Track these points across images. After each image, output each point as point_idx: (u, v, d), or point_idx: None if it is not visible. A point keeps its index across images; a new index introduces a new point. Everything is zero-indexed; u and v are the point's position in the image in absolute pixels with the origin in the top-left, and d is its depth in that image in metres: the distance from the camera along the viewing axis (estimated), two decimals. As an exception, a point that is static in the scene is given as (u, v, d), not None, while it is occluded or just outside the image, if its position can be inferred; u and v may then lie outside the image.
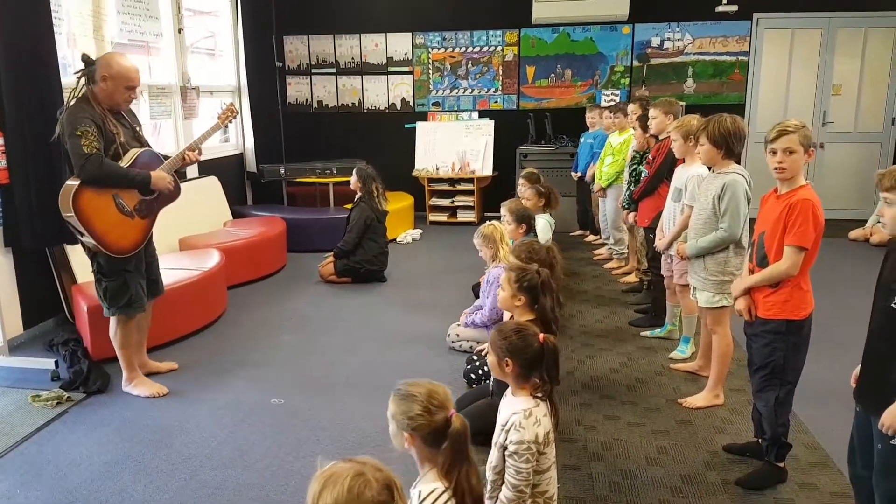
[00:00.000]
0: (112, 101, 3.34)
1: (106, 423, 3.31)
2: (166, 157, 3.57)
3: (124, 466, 2.91)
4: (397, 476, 1.37)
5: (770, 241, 2.55)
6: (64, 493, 2.72)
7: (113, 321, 3.52)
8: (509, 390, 2.22)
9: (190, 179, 6.35)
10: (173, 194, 3.57)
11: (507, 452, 2.06)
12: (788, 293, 2.54)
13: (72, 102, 3.27)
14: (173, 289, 4.31)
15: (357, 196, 5.70)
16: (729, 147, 3.02)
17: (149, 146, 3.57)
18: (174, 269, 4.63)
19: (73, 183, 3.25)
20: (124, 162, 3.35)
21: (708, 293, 3.21)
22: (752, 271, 2.66)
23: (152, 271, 3.68)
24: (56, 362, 3.87)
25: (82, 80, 3.31)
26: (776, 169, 2.51)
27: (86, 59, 3.32)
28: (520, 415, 2.06)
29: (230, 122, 3.95)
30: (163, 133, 6.24)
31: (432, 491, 1.68)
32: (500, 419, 2.15)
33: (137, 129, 3.57)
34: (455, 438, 1.68)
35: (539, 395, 2.12)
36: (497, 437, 2.12)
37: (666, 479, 2.75)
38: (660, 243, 3.84)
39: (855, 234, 6.85)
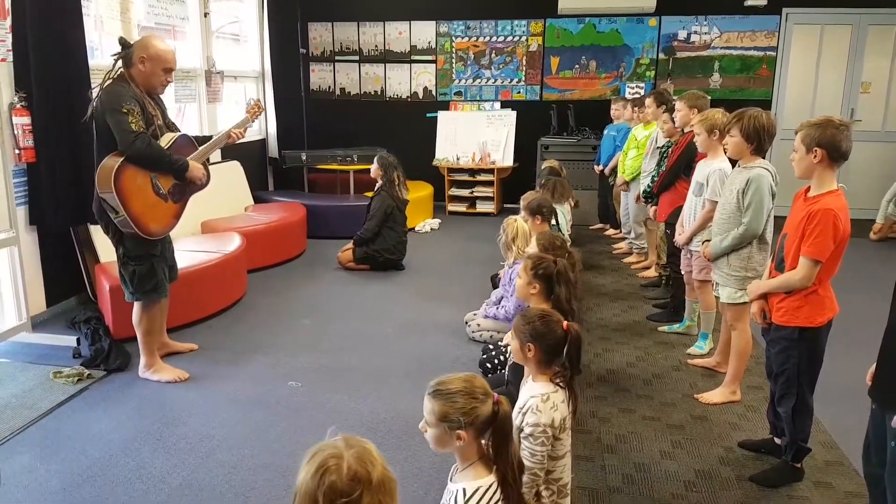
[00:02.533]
0: (149, 83, 3.36)
1: (125, 400, 3.36)
2: (201, 142, 3.62)
3: (143, 443, 2.96)
4: (393, 471, 1.35)
5: (789, 245, 2.51)
6: (83, 468, 2.77)
7: (137, 307, 3.51)
8: (529, 376, 2.23)
9: (213, 164, 6.33)
10: (204, 183, 3.62)
11: (522, 435, 2.07)
12: (802, 299, 2.49)
13: (108, 82, 3.28)
14: (195, 271, 4.38)
15: (378, 184, 5.72)
16: (760, 143, 2.98)
17: (179, 130, 3.60)
18: (196, 252, 4.69)
19: (114, 160, 3.24)
20: (162, 144, 3.38)
21: (730, 289, 3.18)
22: (771, 272, 2.63)
23: (169, 256, 3.70)
24: (78, 340, 3.95)
25: (119, 63, 3.32)
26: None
27: (123, 41, 3.35)
28: (537, 398, 2.07)
29: (257, 117, 3.97)
30: (187, 116, 6.29)
31: (477, 489, 1.68)
32: (519, 403, 2.15)
33: (167, 115, 3.60)
34: (503, 422, 1.68)
35: (559, 381, 2.13)
36: (517, 423, 2.13)
37: (680, 473, 2.74)
38: (680, 238, 3.81)
39: (878, 231, 6.68)
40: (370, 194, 5.86)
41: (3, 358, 3.87)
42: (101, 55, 5.16)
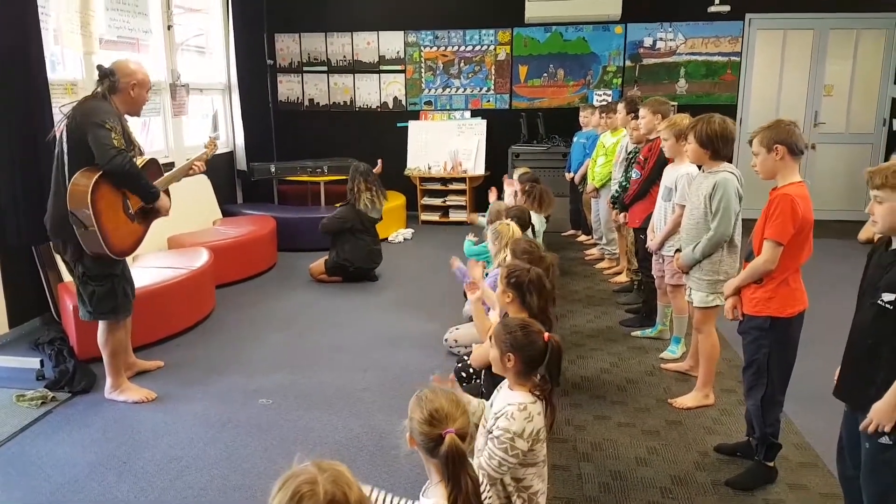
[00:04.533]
0: (135, 107, 3.38)
1: (91, 423, 3.26)
2: (166, 167, 3.68)
3: (109, 467, 2.87)
4: (366, 492, 1.34)
5: (757, 236, 2.57)
6: (47, 494, 2.68)
7: (102, 326, 3.43)
8: (505, 384, 2.20)
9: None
10: (167, 209, 3.60)
11: (490, 436, 2.05)
12: (773, 290, 2.54)
13: (86, 99, 3.25)
14: (161, 287, 4.29)
15: (349, 199, 5.67)
16: (715, 148, 3.04)
17: (143, 153, 3.59)
18: (162, 268, 4.60)
19: (91, 174, 3.16)
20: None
21: (702, 293, 3.21)
22: (743, 266, 2.67)
23: (129, 276, 3.62)
24: (41, 361, 3.83)
25: (100, 87, 3.28)
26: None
27: (102, 70, 3.31)
28: (514, 406, 2.04)
29: (214, 152, 4.00)
30: (152, 130, 6.19)
31: None
32: (494, 408, 2.13)
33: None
34: (445, 457, 1.65)
35: (537, 393, 2.10)
36: (488, 425, 2.10)
37: (656, 480, 2.74)
38: (651, 244, 3.83)
39: (865, 235, 6.72)
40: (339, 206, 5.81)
41: (-38, 383, 3.74)
42: (63, 69, 5.05)
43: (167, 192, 3.56)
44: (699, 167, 3.29)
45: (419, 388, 1.74)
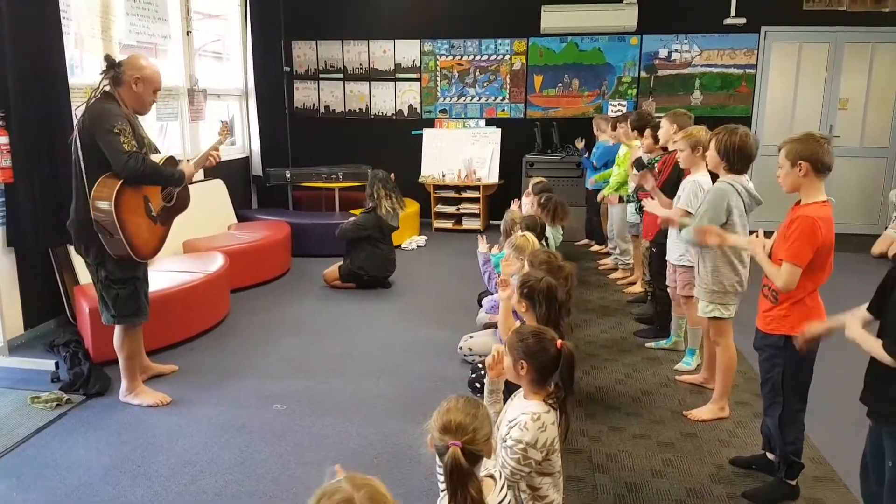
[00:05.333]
0: (139, 103, 3.31)
1: (105, 426, 3.28)
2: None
3: (123, 470, 2.87)
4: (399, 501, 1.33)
5: (775, 250, 2.54)
6: (61, 497, 2.69)
7: (119, 330, 3.43)
8: (520, 392, 2.19)
9: (195, 182, 6.29)
10: (186, 202, 3.57)
11: (503, 445, 2.05)
12: (788, 308, 2.51)
13: (93, 101, 3.20)
14: (177, 291, 4.31)
15: (369, 206, 5.65)
16: (731, 161, 3.02)
17: (160, 151, 3.55)
18: (178, 272, 4.61)
19: (113, 181, 3.15)
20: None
21: (702, 302, 3.22)
22: (765, 286, 2.62)
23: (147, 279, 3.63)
24: (56, 363, 3.85)
25: (105, 81, 3.23)
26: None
27: (110, 59, 3.27)
28: (528, 416, 2.04)
29: (227, 138, 3.96)
30: (169, 135, 6.24)
31: None
32: (509, 416, 2.12)
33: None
34: (446, 467, 1.64)
35: (551, 402, 2.10)
36: (502, 432, 2.10)
37: (671, 493, 2.71)
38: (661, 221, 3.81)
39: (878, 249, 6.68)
40: (357, 212, 5.80)
41: (-22, 383, 3.77)
42: (82, 73, 5.11)
43: (188, 190, 3.57)
44: (714, 178, 3.29)
45: (453, 395, 1.75)
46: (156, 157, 3.36)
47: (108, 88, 3.24)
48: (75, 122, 3.25)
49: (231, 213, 6.73)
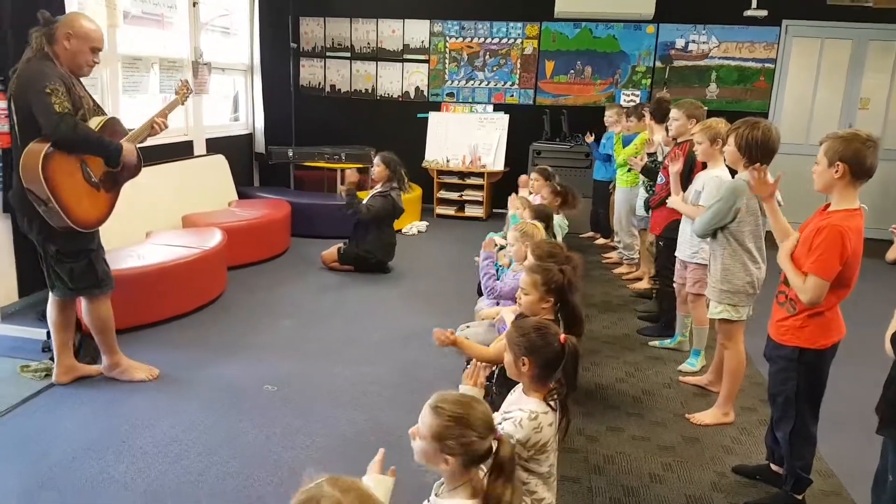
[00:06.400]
0: (74, 62, 3.06)
1: (92, 399, 3.20)
2: (129, 129, 3.35)
3: (107, 445, 2.81)
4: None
5: (798, 256, 2.39)
6: (44, 470, 2.62)
7: (85, 303, 3.25)
8: (519, 387, 2.10)
9: (197, 156, 6.24)
10: (137, 167, 3.32)
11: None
12: (806, 319, 2.37)
13: (27, 61, 2.98)
14: (172, 266, 4.23)
15: (384, 187, 5.51)
16: (752, 156, 2.86)
17: (106, 114, 3.30)
18: (175, 247, 4.53)
19: (40, 145, 2.92)
20: (91, 127, 3.09)
21: (713, 302, 3.10)
22: (781, 293, 2.50)
23: None
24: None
25: (41, 40, 3.00)
26: None
27: (44, 16, 3.03)
28: (525, 413, 1.94)
29: (187, 98, 3.68)
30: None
31: None
32: (504, 406, 2.03)
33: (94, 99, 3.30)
34: (502, 462, 1.56)
35: (552, 402, 2.00)
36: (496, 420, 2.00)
37: (670, 499, 2.62)
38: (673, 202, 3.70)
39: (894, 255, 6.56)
40: (364, 194, 5.66)
41: (-35, 352, 3.70)
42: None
43: (138, 154, 3.30)
44: (732, 173, 3.17)
45: (433, 397, 1.65)
46: (95, 121, 3.12)
47: (44, 49, 3.00)
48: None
49: (232, 189, 6.63)
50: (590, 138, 6.89)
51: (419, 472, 2.40)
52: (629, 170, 5.43)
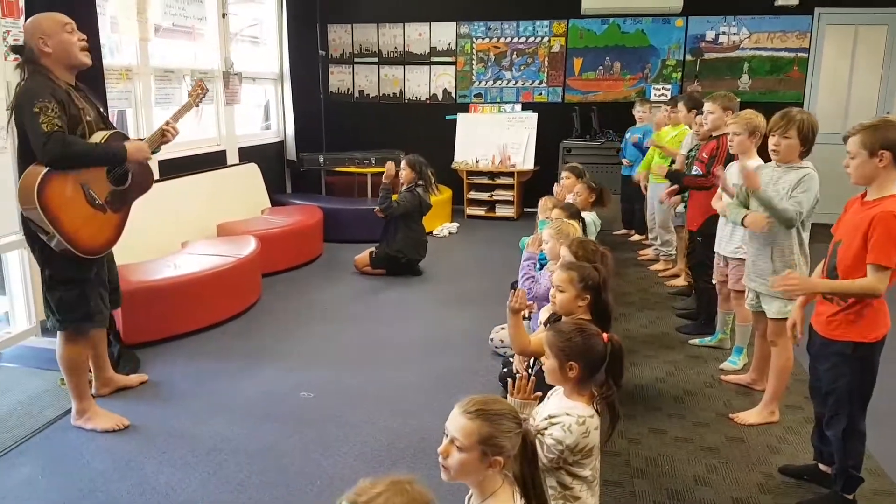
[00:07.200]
0: (68, 57, 2.82)
1: (132, 409, 3.23)
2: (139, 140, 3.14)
3: (148, 456, 2.83)
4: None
5: (844, 252, 2.31)
6: (85, 482, 2.65)
7: (60, 338, 2.98)
8: (558, 390, 2.06)
9: (230, 166, 6.32)
10: (148, 182, 3.14)
11: (539, 437, 1.91)
12: (857, 312, 2.30)
13: (23, 82, 2.79)
14: (209, 275, 4.28)
15: (411, 185, 5.56)
16: (811, 144, 2.81)
17: (115, 128, 3.10)
18: (210, 256, 4.59)
19: (37, 170, 2.73)
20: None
21: (779, 301, 2.96)
22: (823, 277, 2.43)
23: (112, 278, 3.21)
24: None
25: (25, 67, 2.81)
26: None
27: (15, 47, 2.88)
28: (573, 418, 1.90)
29: (201, 100, 3.39)
30: (204, 118, 6.21)
31: None
32: (550, 409, 1.99)
33: (101, 109, 3.11)
34: (533, 454, 1.56)
35: (597, 406, 1.96)
36: (538, 426, 1.96)
37: (716, 501, 2.55)
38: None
39: None
40: (396, 198, 5.69)
41: (10, 363, 3.78)
42: (120, 55, 5.09)
43: (149, 168, 3.17)
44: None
45: (465, 404, 1.62)
46: (98, 136, 2.91)
47: (34, 71, 2.81)
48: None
49: (265, 196, 6.70)
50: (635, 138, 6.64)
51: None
52: (672, 163, 5.32)
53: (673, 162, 4.97)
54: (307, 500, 2.55)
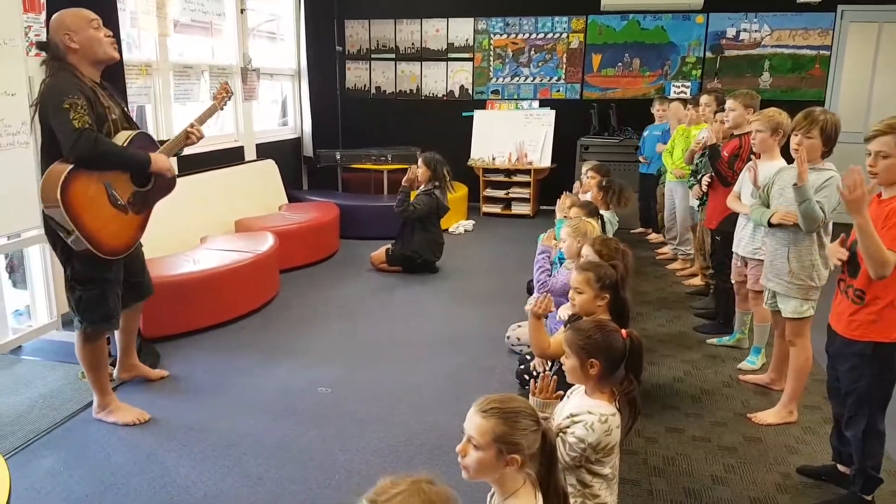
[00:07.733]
0: (94, 53, 2.82)
1: (152, 403, 3.27)
2: (162, 142, 3.16)
3: (168, 449, 2.87)
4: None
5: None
6: (106, 474, 2.69)
7: (79, 336, 2.98)
8: (578, 388, 2.06)
9: (248, 162, 6.36)
10: (170, 184, 3.11)
11: (561, 435, 1.91)
12: (878, 312, 2.27)
13: (48, 78, 2.78)
14: (227, 271, 4.32)
15: (428, 186, 5.52)
16: (833, 145, 2.78)
17: (139, 127, 3.08)
18: (228, 251, 4.63)
19: (60, 167, 2.71)
20: (118, 143, 2.88)
21: (795, 301, 2.95)
22: (841, 280, 2.41)
23: (136, 272, 3.21)
24: (108, 339, 3.87)
25: (52, 63, 2.80)
26: (869, 174, 2.25)
27: (40, 44, 2.90)
28: (596, 416, 1.90)
29: (226, 102, 3.40)
30: (222, 114, 6.23)
31: None
32: (571, 408, 1.99)
33: (125, 108, 3.09)
34: (552, 451, 1.56)
35: (618, 401, 1.97)
36: (561, 425, 1.96)
37: (734, 501, 2.54)
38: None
39: None
40: (414, 195, 5.68)
41: (32, 356, 3.84)
42: (139, 51, 5.14)
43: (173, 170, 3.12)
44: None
45: (481, 403, 1.61)
46: (122, 136, 2.89)
47: (59, 67, 2.81)
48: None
49: (282, 193, 6.74)
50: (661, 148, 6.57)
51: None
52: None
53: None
54: (326, 494, 2.57)
